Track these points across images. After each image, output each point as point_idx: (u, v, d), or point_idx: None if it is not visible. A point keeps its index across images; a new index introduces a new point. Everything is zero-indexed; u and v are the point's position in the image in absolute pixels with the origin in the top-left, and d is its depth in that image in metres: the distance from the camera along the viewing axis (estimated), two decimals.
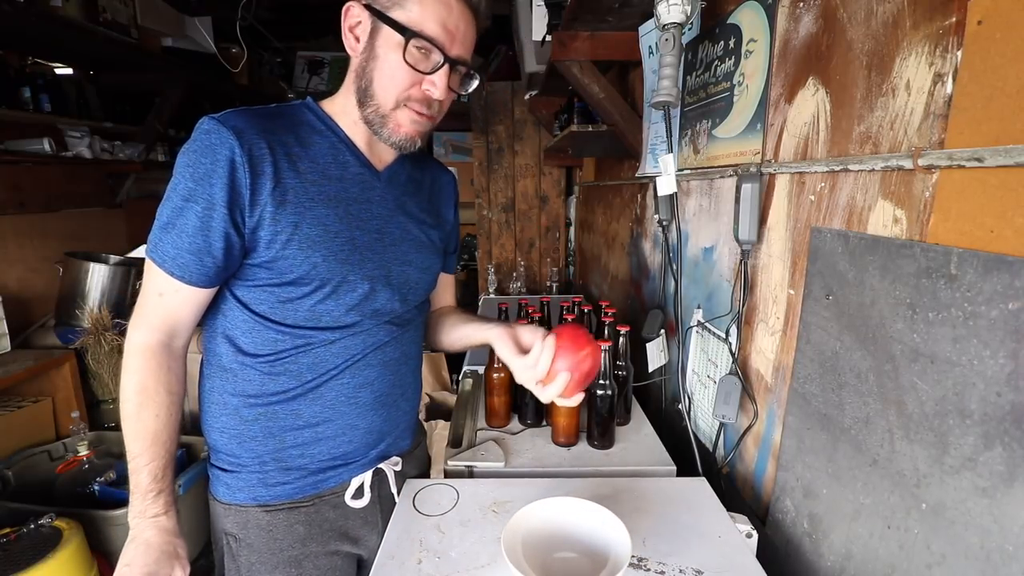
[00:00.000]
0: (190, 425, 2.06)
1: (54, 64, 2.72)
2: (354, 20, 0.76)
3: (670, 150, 1.21)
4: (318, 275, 0.78)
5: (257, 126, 0.74)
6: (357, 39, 0.77)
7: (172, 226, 0.72)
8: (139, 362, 0.75)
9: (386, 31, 0.73)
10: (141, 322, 0.76)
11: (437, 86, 0.76)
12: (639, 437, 1.21)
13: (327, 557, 0.89)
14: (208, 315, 0.82)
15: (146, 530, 0.74)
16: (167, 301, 0.75)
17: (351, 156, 0.82)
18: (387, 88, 0.76)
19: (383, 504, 0.94)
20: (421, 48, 0.74)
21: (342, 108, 0.82)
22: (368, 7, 0.74)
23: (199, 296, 0.76)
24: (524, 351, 0.83)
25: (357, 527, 0.91)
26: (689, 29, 1.17)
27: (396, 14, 0.73)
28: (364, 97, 0.78)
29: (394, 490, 0.95)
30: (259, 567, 0.85)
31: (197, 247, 0.72)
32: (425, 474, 1.08)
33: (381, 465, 0.92)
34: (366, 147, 0.83)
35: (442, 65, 0.75)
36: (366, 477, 0.90)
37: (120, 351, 2.27)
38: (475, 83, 0.82)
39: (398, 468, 0.95)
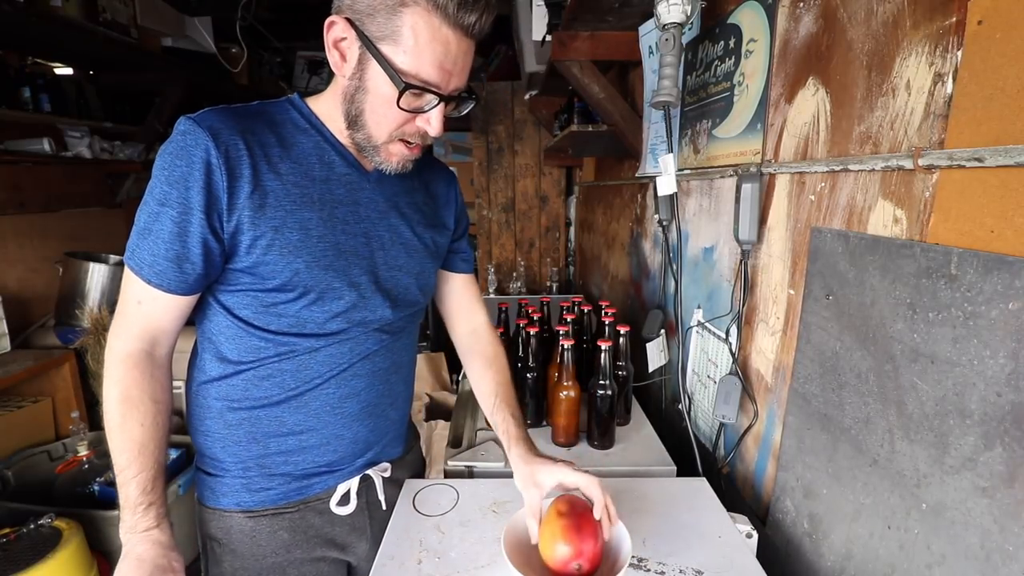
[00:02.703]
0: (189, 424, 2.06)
1: (54, 64, 2.72)
2: (338, 36, 0.69)
3: (670, 150, 1.21)
4: (301, 282, 0.74)
5: (235, 126, 0.70)
6: (343, 57, 0.71)
7: (148, 232, 0.69)
8: (121, 371, 0.72)
9: (376, 67, 0.68)
10: (121, 331, 0.73)
11: (433, 125, 0.73)
12: (639, 437, 1.21)
13: (312, 564, 0.87)
14: (193, 318, 0.80)
15: (138, 545, 0.70)
16: (146, 309, 0.72)
17: (337, 156, 0.78)
18: (379, 124, 0.73)
19: (371, 510, 0.91)
20: (416, 93, 0.69)
21: (329, 113, 0.77)
22: (354, 26, 0.67)
23: (179, 303, 0.73)
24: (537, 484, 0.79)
25: (344, 534, 0.89)
26: (689, 29, 1.17)
27: (388, 50, 0.67)
28: (354, 123, 0.74)
29: (381, 497, 0.91)
30: (242, 573, 0.83)
31: (175, 254, 0.69)
32: (419, 478, 1.05)
33: (369, 471, 0.89)
34: (354, 148, 0.79)
35: (438, 104, 0.71)
36: (352, 484, 0.87)
37: None
38: (470, 106, 0.78)
39: (387, 474, 0.92)
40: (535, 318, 1.27)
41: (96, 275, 2.28)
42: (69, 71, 2.79)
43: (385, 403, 0.89)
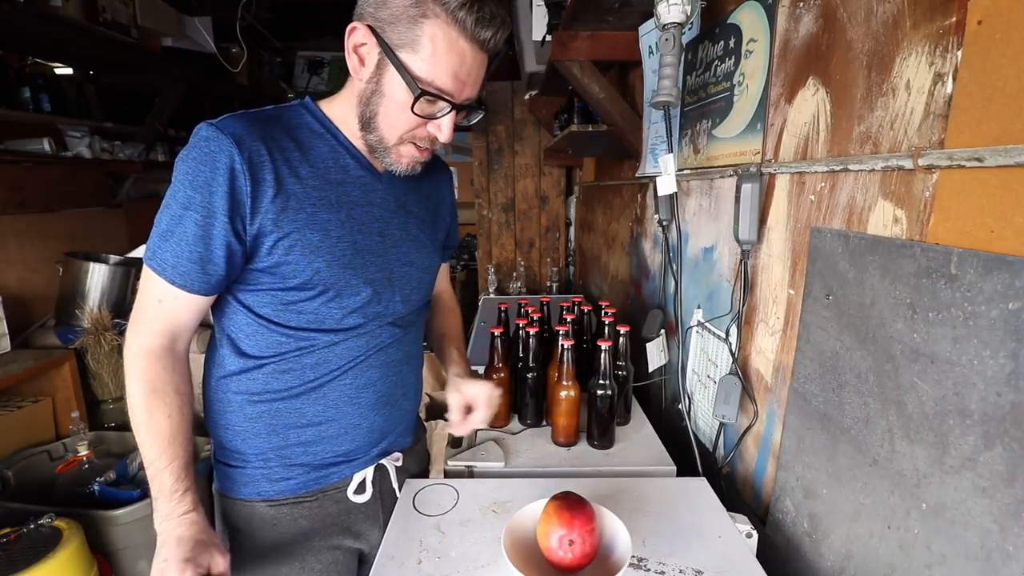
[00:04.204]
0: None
1: (54, 64, 2.71)
2: (359, 41, 0.73)
3: (670, 150, 1.21)
4: (321, 280, 0.78)
5: (256, 132, 0.72)
6: (362, 61, 0.74)
7: (171, 234, 0.71)
8: (143, 366, 0.74)
9: (394, 72, 0.71)
10: (141, 328, 0.75)
11: (443, 131, 0.76)
12: (639, 437, 1.21)
13: (329, 551, 0.90)
14: (211, 315, 0.82)
15: (176, 528, 0.72)
16: (167, 307, 0.74)
17: (351, 159, 0.81)
18: (392, 127, 0.76)
19: (384, 499, 0.95)
20: (430, 99, 0.72)
21: (343, 116, 0.80)
22: (375, 33, 0.71)
23: (200, 302, 0.76)
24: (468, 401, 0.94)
25: (359, 521, 0.92)
26: (689, 29, 1.17)
27: (406, 57, 0.70)
28: (367, 125, 0.77)
29: (395, 485, 0.95)
30: (263, 561, 0.86)
31: (198, 255, 0.71)
32: (425, 469, 1.09)
33: (383, 461, 0.93)
34: (367, 151, 0.82)
35: (449, 112, 0.75)
36: (368, 473, 0.91)
37: (120, 351, 2.26)
38: (479, 115, 0.82)
39: (399, 464, 0.96)
40: (535, 318, 1.27)
41: (96, 275, 2.28)
42: (69, 71, 2.79)
43: (398, 393, 0.93)
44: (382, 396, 0.89)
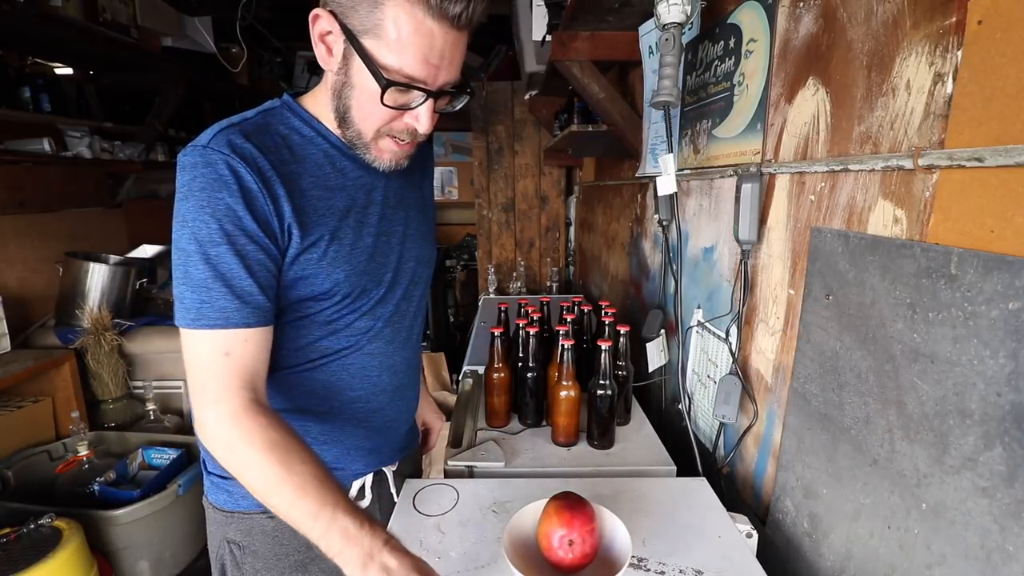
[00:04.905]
0: (190, 423, 2.06)
1: (54, 64, 2.72)
2: (324, 29, 0.67)
3: (670, 150, 1.21)
4: (340, 290, 0.76)
5: (254, 147, 0.68)
6: (329, 51, 0.69)
7: (215, 280, 0.65)
8: (244, 428, 0.65)
9: (361, 62, 0.66)
10: (216, 395, 0.66)
11: (422, 122, 0.71)
12: (639, 437, 1.21)
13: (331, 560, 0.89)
14: None
15: (390, 560, 0.61)
16: (238, 355, 0.67)
17: (348, 161, 0.77)
18: (366, 120, 0.71)
19: (382, 504, 0.94)
20: (401, 89, 0.67)
21: (327, 111, 0.75)
22: (338, 19, 0.65)
23: (269, 334, 0.71)
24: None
25: None
26: (689, 29, 1.17)
27: (370, 44, 0.64)
28: (343, 120, 0.73)
29: (393, 490, 0.95)
30: (265, 574, 0.83)
31: (258, 285, 0.67)
32: (418, 469, 1.10)
33: (382, 467, 0.93)
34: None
35: (425, 100, 0.69)
36: (367, 479, 0.91)
37: (120, 352, 2.27)
38: (464, 100, 0.75)
39: (395, 468, 0.96)
40: (535, 318, 1.27)
41: (96, 275, 2.29)
42: (69, 71, 2.79)
43: (402, 419, 0.94)
44: (389, 420, 0.90)
